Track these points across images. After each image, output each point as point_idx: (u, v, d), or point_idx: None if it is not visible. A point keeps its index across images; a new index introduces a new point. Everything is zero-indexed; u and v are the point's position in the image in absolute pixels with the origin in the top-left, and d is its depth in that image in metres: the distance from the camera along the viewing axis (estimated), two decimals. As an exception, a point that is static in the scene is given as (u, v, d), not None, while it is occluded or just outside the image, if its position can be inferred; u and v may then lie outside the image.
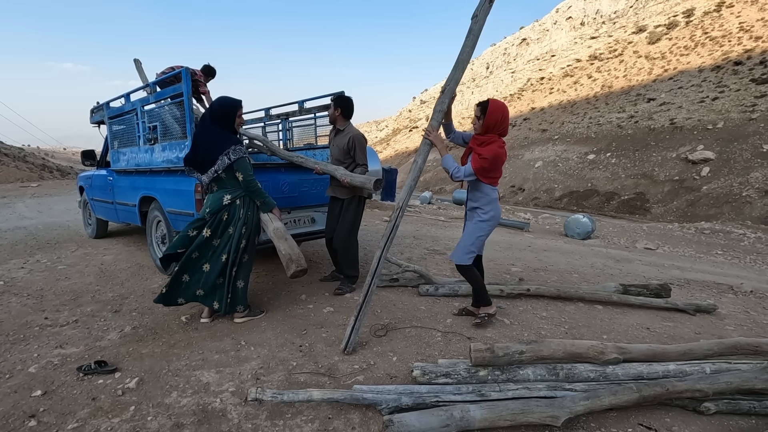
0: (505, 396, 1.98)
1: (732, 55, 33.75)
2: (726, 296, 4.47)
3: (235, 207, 2.90)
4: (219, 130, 2.90)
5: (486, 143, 2.75)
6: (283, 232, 3.00)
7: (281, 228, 3.02)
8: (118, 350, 2.60)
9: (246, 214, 2.94)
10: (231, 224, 2.90)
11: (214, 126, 2.91)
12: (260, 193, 2.99)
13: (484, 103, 2.77)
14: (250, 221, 2.97)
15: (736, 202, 19.58)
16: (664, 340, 2.95)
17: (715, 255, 9.52)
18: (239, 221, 2.90)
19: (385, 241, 2.59)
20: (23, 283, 3.96)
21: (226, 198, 2.89)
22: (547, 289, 3.73)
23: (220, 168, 2.83)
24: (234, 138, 2.92)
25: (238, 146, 2.86)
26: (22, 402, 2.03)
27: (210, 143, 2.86)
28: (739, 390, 2.04)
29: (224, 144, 2.83)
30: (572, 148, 33.22)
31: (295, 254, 2.94)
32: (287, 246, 2.95)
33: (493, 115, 2.71)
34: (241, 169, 2.86)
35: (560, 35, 69.79)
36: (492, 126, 2.73)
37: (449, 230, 9.13)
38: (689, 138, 26.09)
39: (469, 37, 2.62)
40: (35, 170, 29.59)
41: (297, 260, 2.93)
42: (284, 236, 2.99)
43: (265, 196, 3.02)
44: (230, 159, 2.81)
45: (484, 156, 2.70)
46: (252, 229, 3.00)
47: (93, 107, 5.36)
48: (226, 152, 2.81)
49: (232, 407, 2.00)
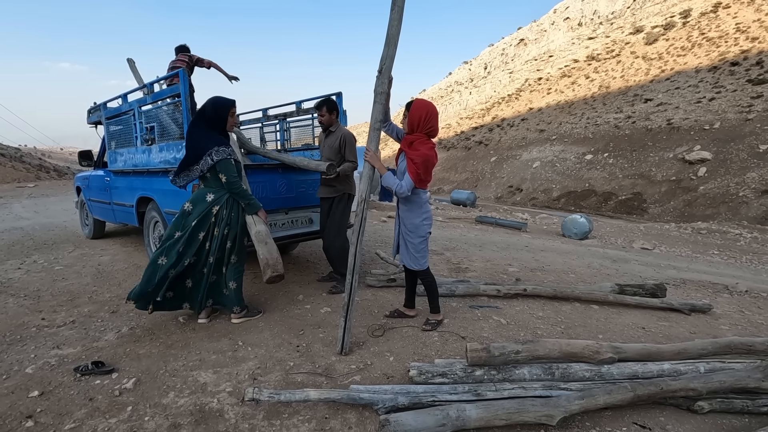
0: (501, 395, 1.99)
1: (728, 55, 33.91)
2: (721, 296, 4.50)
3: (219, 208, 2.88)
4: (207, 131, 2.88)
5: (415, 144, 2.70)
6: (264, 236, 2.95)
7: (263, 231, 2.98)
8: (116, 351, 2.60)
9: (229, 215, 2.91)
10: (216, 226, 2.89)
11: (204, 126, 2.89)
12: (244, 194, 2.95)
13: (409, 103, 2.77)
14: (234, 222, 2.94)
15: (733, 202, 19.68)
16: (660, 339, 2.97)
17: (711, 255, 9.57)
18: (222, 221, 2.89)
19: (356, 236, 2.54)
20: (20, 284, 3.96)
21: (209, 196, 2.88)
22: (544, 289, 3.75)
23: (204, 167, 2.82)
24: (219, 138, 2.88)
25: (221, 147, 2.82)
26: (19, 403, 2.03)
27: (197, 143, 2.84)
28: (732, 389, 2.06)
29: (208, 144, 2.81)
30: (570, 148, 33.32)
31: (272, 259, 2.89)
32: (266, 250, 2.90)
33: (415, 113, 2.69)
34: (223, 171, 2.83)
35: (558, 36, 69.92)
36: (415, 124, 2.69)
37: (447, 230, 9.15)
38: (686, 138, 26.20)
39: (394, 9, 2.46)
40: (32, 170, 29.47)
41: (273, 265, 2.89)
42: (264, 240, 2.94)
43: (249, 198, 2.98)
44: (212, 160, 2.79)
45: (416, 162, 2.64)
46: (238, 230, 2.96)
47: (90, 107, 5.36)
48: (209, 153, 2.80)
49: (230, 407, 2.00)
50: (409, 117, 2.72)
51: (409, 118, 2.72)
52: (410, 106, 2.74)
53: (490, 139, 45.51)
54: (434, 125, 2.73)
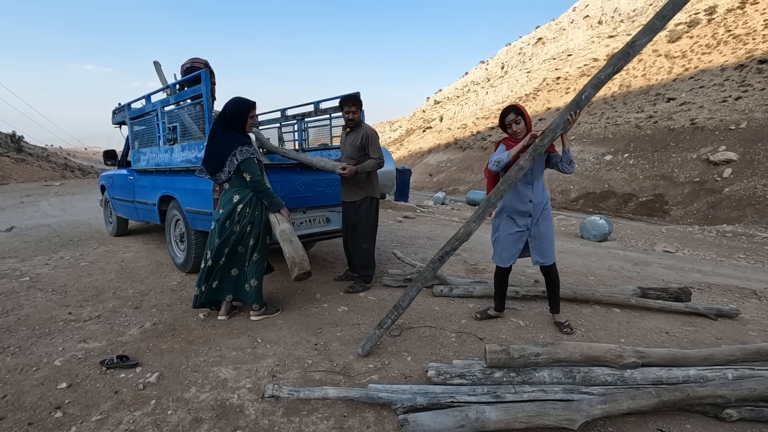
0: (521, 398, 1.97)
1: (756, 53, 32.80)
2: (749, 301, 4.35)
3: (243, 206, 2.94)
4: (228, 131, 2.93)
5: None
6: (289, 234, 2.97)
7: (287, 230, 3.00)
8: (139, 345, 2.66)
9: (253, 213, 2.96)
10: (238, 222, 2.94)
11: (225, 127, 2.95)
12: (268, 193, 2.99)
13: (510, 108, 2.83)
14: (258, 220, 2.99)
15: (760, 204, 19.00)
16: (684, 344, 2.89)
17: (737, 259, 9.27)
18: (245, 218, 2.94)
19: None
20: (48, 279, 4.09)
21: (235, 197, 2.94)
22: (563, 291, 3.68)
23: (231, 169, 2.88)
24: (242, 138, 2.93)
25: (245, 147, 2.87)
26: (48, 394, 2.10)
27: (220, 144, 2.90)
28: (762, 397, 1.98)
29: (232, 145, 2.86)
30: (588, 148, 32.70)
31: (299, 257, 2.91)
32: (292, 249, 2.92)
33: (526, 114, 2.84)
34: (248, 170, 2.88)
35: (577, 34, 68.75)
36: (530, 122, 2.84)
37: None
38: (710, 138, 25.43)
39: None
40: (57, 169, 30.45)
41: (300, 263, 2.90)
42: (290, 238, 2.96)
43: (272, 197, 3.02)
44: (237, 160, 2.85)
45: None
46: (261, 228, 3.01)
47: (115, 108, 5.50)
48: (233, 153, 2.85)
49: (250, 403, 2.03)
50: (527, 119, 2.82)
51: (527, 120, 2.82)
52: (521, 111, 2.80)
53: (507, 140, 44.95)
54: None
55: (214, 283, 3.01)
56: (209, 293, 3.02)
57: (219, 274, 3.01)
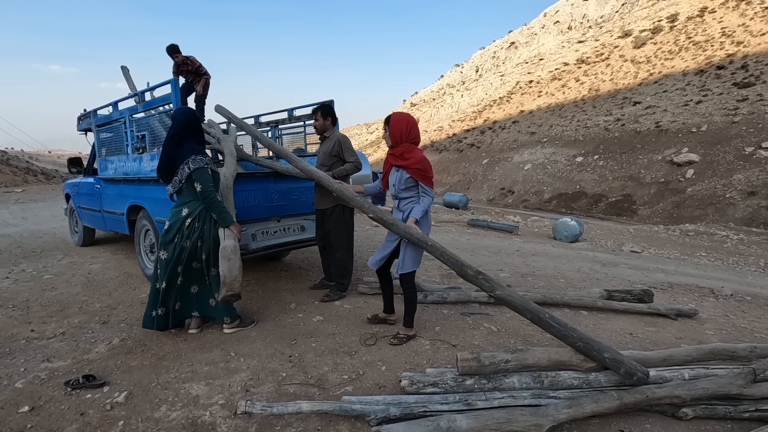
0: (492, 405, 2.02)
1: (715, 59, 34.56)
2: (707, 300, 4.59)
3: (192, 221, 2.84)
4: (182, 139, 2.84)
5: (405, 154, 2.74)
6: (229, 253, 2.83)
7: (230, 247, 2.85)
8: (107, 363, 2.59)
9: (202, 228, 2.86)
10: (188, 238, 2.84)
11: (178, 135, 2.85)
12: (217, 206, 2.85)
13: (387, 118, 2.83)
14: (207, 235, 2.88)
15: (720, 203, 20.02)
16: (647, 345, 3.02)
17: (699, 257, 9.73)
18: (194, 234, 2.84)
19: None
20: (8, 294, 3.91)
21: (184, 210, 2.84)
22: (534, 296, 3.79)
23: (182, 178, 2.78)
24: (197, 148, 2.85)
25: (198, 156, 2.79)
26: (9, 419, 2.02)
27: (173, 153, 2.82)
28: (715, 395, 2.11)
29: (185, 153, 2.78)
30: (561, 150, 33.65)
31: (231, 277, 2.78)
32: (226, 268, 2.80)
33: (396, 127, 2.76)
34: (199, 180, 2.76)
35: (548, 39, 70.67)
36: (398, 137, 2.76)
37: (439, 234, 9.19)
38: (674, 141, 26.62)
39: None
40: (19, 174, 29.06)
41: (230, 284, 2.80)
42: (228, 257, 2.83)
43: (221, 210, 2.87)
44: (189, 168, 2.75)
45: (417, 167, 2.70)
46: (211, 244, 2.89)
47: (80, 115, 5.32)
48: (186, 162, 2.76)
49: (222, 420, 2.01)
50: (391, 131, 2.77)
51: (391, 133, 2.77)
52: (389, 121, 2.80)
53: (482, 142, 45.81)
54: (417, 134, 2.81)
55: (176, 304, 2.91)
56: (175, 315, 2.93)
57: (178, 295, 2.91)
